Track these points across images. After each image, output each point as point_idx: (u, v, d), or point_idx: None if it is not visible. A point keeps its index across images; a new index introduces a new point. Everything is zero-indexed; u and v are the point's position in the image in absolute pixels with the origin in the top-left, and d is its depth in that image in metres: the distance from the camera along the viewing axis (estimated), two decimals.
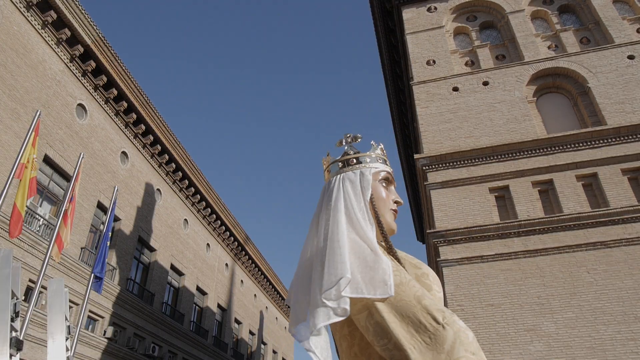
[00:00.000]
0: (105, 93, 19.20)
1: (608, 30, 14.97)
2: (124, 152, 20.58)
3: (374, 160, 1.71)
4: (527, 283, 11.18)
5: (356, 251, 1.35)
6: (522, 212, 12.14)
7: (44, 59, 16.34)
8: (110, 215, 12.56)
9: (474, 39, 16.59)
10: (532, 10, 16.70)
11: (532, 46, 15.36)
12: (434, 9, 17.22)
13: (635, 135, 12.42)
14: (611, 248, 11.14)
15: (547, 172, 12.62)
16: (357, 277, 1.28)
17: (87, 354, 16.23)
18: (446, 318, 1.19)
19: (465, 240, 12.00)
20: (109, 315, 17.86)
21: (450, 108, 14.63)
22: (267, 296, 38.16)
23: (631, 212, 11.36)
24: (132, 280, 19.99)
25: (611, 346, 10.00)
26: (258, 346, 34.19)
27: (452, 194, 12.92)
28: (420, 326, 1.20)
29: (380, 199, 1.59)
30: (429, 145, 14.00)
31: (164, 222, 23.16)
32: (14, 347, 6.26)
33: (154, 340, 20.50)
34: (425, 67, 15.90)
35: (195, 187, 25.90)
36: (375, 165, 1.69)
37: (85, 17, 17.18)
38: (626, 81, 13.71)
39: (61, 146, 16.64)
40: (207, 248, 27.82)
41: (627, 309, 10.32)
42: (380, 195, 1.60)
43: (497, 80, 14.83)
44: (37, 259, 14.45)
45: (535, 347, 10.32)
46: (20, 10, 15.32)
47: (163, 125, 22.26)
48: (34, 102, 15.57)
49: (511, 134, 13.54)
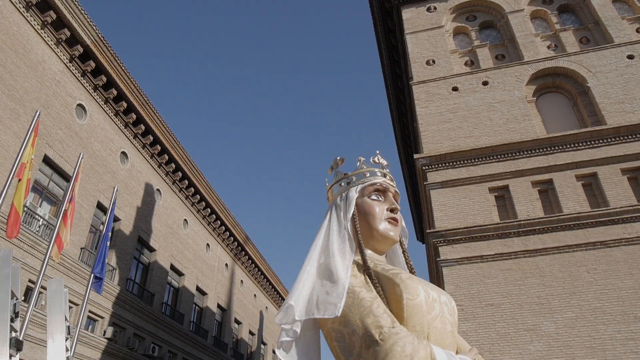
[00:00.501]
0: (104, 93, 19.20)
1: (607, 30, 14.97)
2: (123, 152, 20.58)
3: (361, 177, 1.81)
4: (527, 283, 11.18)
5: (322, 275, 1.54)
6: (522, 212, 12.13)
7: (44, 59, 16.33)
8: (110, 216, 12.56)
9: (474, 38, 16.60)
10: (532, 10, 16.71)
11: (532, 46, 15.36)
12: (434, 9, 17.23)
13: (635, 134, 12.42)
14: (611, 248, 11.14)
15: (547, 171, 12.62)
16: (314, 299, 1.48)
17: (86, 354, 16.22)
18: (383, 334, 1.31)
19: (465, 240, 12.00)
20: (109, 316, 17.85)
21: (450, 108, 14.63)
22: (267, 296, 38.16)
23: (631, 211, 11.36)
24: (132, 280, 19.98)
25: (611, 346, 10.01)
26: (258, 346, 34.20)
27: (451, 193, 12.92)
28: (364, 345, 1.34)
29: (368, 214, 1.70)
30: (429, 145, 14.00)
31: (163, 222, 23.16)
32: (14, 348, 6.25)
33: (154, 341, 20.50)
34: (424, 67, 15.90)
35: (195, 187, 25.90)
36: (362, 180, 1.79)
37: (84, 17, 17.17)
38: (626, 81, 13.71)
39: (61, 146, 16.64)
40: (207, 248, 27.82)
41: (627, 309, 10.32)
42: (367, 211, 1.70)
43: (497, 80, 14.83)
44: (37, 259, 14.44)
45: (535, 346, 10.32)
46: (20, 10, 15.31)
47: (162, 125, 22.26)
48: (34, 102, 15.56)
49: (511, 134, 13.54)
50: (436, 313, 1.49)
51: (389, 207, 1.72)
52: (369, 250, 1.69)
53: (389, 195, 1.76)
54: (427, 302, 1.47)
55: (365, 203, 1.71)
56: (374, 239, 1.69)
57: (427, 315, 1.46)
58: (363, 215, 1.70)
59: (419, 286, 1.48)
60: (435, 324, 1.47)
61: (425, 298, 1.47)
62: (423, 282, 1.56)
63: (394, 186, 1.82)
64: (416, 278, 1.55)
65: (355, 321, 1.39)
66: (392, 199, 1.75)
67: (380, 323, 1.34)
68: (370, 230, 1.68)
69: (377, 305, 1.41)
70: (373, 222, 1.67)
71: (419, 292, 1.47)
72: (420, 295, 1.46)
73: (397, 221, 1.71)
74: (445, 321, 1.51)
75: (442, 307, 1.53)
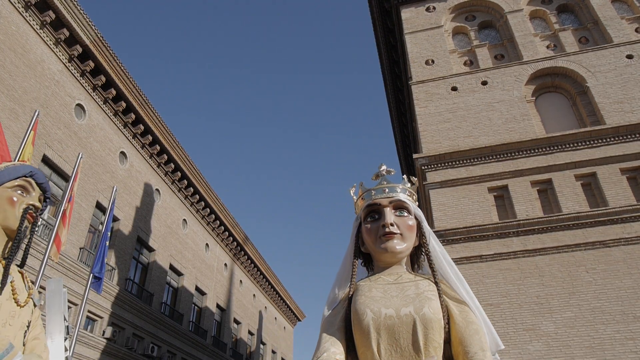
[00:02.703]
0: (103, 93, 19.18)
1: (607, 30, 14.98)
2: (122, 152, 20.56)
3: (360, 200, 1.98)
4: (526, 283, 11.18)
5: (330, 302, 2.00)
6: (521, 211, 12.14)
7: (43, 59, 16.31)
8: (109, 215, 12.53)
9: (473, 38, 16.59)
10: (531, 10, 16.71)
11: (531, 46, 15.36)
12: (433, 9, 17.22)
13: (634, 134, 12.43)
14: (610, 247, 11.14)
15: (546, 171, 12.62)
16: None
17: (86, 354, 16.21)
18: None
19: (464, 240, 12.00)
20: (108, 316, 17.83)
21: (449, 108, 14.63)
22: (266, 296, 38.14)
23: (630, 211, 11.37)
24: (131, 280, 19.96)
25: (610, 345, 10.01)
26: (257, 346, 34.18)
27: (451, 193, 12.92)
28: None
29: (366, 240, 1.90)
30: (428, 144, 14.00)
31: (162, 222, 23.14)
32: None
33: (153, 341, 20.49)
34: (424, 66, 15.90)
35: (194, 187, 25.88)
36: (360, 204, 1.96)
37: (83, 17, 17.15)
38: (625, 80, 13.72)
39: (60, 146, 16.62)
40: (206, 248, 27.81)
41: (626, 309, 10.33)
42: (365, 237, 1.89)
43: (496, 80, 14.83)
44: (36, 259, 14.42)
45: (534, 346, 10.32)
46: (19, 10, 15.29)
47: (162, 125, 22.24)
48: (33, 102, 15.54)
49: (510, 134, 13.54)
50: (390, 330, 1.64)
51: (383, 223, 1.82)
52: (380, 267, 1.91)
53: (384, 212, 1.85)
54: (377, 322, 1.65)
55: (364, 229, 1.89)
56: (377, 254, 1.87)
57: (376, 335, 1.64)
58: (365, 239, 1.90)
59: (366, 309, 1.69)
60: (389, 340, 1.63)
61: (374, 319, 1.66)
62: (387, 299, 1.71)
63: (391, 196, 1.88)
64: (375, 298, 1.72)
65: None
66: (386, 214, 1.84)
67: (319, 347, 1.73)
68: (372, 249, 1.87)
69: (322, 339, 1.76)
70: (371, 245, 1.86)
71: (365, 315, 1.68)
72: (367, 318, 1.67)
73: (392, 234, 1.80)
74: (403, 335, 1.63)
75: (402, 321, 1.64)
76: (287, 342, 42.50)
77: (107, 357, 17.40)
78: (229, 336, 29.02)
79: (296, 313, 44.41)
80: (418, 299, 1.68)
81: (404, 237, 1.81)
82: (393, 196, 1.87)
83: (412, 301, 1.67)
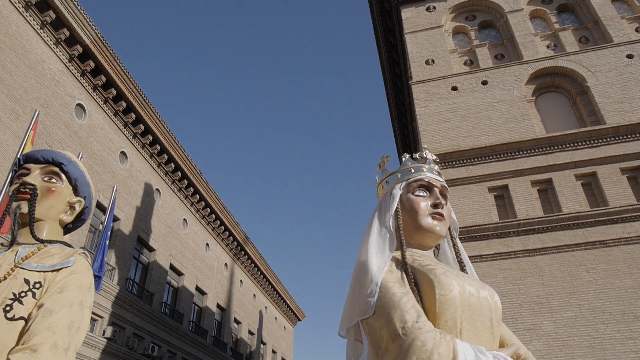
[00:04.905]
0: (104, 93, 19.19)
1: (607, 30, 14.98)
2: (122, 152, 20.57)
3: (406, 173, 1.84)
4: (526, 282, 11.19)
5: (359, 274, 1.61)
6: (521, 211, 12.14)
7: (43, 58, 16.32)
8: (110, 215, 12.56)
9: (473, 38, 16.60)
10: (531, 10, 16.71)
11: (531, 45, 15.37)
12: (433, 9, 17.23)
13: (634, 134, 12.43)
14: (610, 247, 11.15)
15: (546, 171, 12.62)
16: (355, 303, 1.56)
17: (86, 353, 16.22)
18: (406, 328, 1.36)
19: (464, 240, 12.00)
20: (108, 315, 17.85)
21: (449, 107, 14.63)
22: (267, 296, 38.16)
23: (630, 211, 11.37)
24: (131, 280, 19.97)
25: (610, 345, 10.01)
26: (257, 346, 34.19)
27: (451, 193, 12.92)
28: (390, 338, 1.39)
29: (412, 210, 1.72)
30: (428, 144, 14.00)
31: (163, 222, 23.16)
32: None
33: (153, 340, 20.50)
34: (424, 66, 15.90)
35: (195, 187, 25.89)
36: (407, 177, 1.82)
37: (84, 17, 17.16)
38: (625, 80, 13.72)
39: (60, 146, 16.62)
40: (207, 248, 27.82)
41: (626, 308, 10.33)
42: (411, 207, 1.73)
43: (496, 80, 14.83)
44: None
45: (535, 346, 10.32)
46: (19, 10, 15.30)
47: (162, 125, 22.25)
48: (33, 101, 15.55)
49: (510, 134, 13.54)
50: (472, 309, 1.49)
51: (433, 202, 1.73)
52: (412, 248, 1.72)
53: (434, 191, 1.77)
54: (462, 298, 1.48)
55: (409, 199, 1.74)
56: (418, 234, 1.70)
57: (460, 311, 1.46)
58: (407, 211, 1.72)
59: (453, 282, 1.49)
60: (470, 320, 1.47)
61: (460, 293, 1.48)
62: (463, 277, 1.56)
63: (441, 181, 1.82)
64: (453, 273, 1.54)
65: (385, 315, 1.43)
66: (437, 194, 1.76)
67: (405, 318, 1.38)
68: (415, 225, 1.70)
69: (406, 300, 1.44)
70: (417, 218, 1.69)
71: (453, 288, 1.47)
72: (454, 291, 1.47)
73: (442, 216, 1.71)
74: (482, 317, 1.51)
75: (481, 302, 1.52)
76: (288, 341, 42.51)
77: (107, 357, 17.41)
78: (229, 336, 29.03)
79: (296, 313, 44.44)
80: (487, 287, 1.61)
81: (446, 224, 1.74)
82: (443, 182, 1.82)
83: (483, 286, 1.58)
